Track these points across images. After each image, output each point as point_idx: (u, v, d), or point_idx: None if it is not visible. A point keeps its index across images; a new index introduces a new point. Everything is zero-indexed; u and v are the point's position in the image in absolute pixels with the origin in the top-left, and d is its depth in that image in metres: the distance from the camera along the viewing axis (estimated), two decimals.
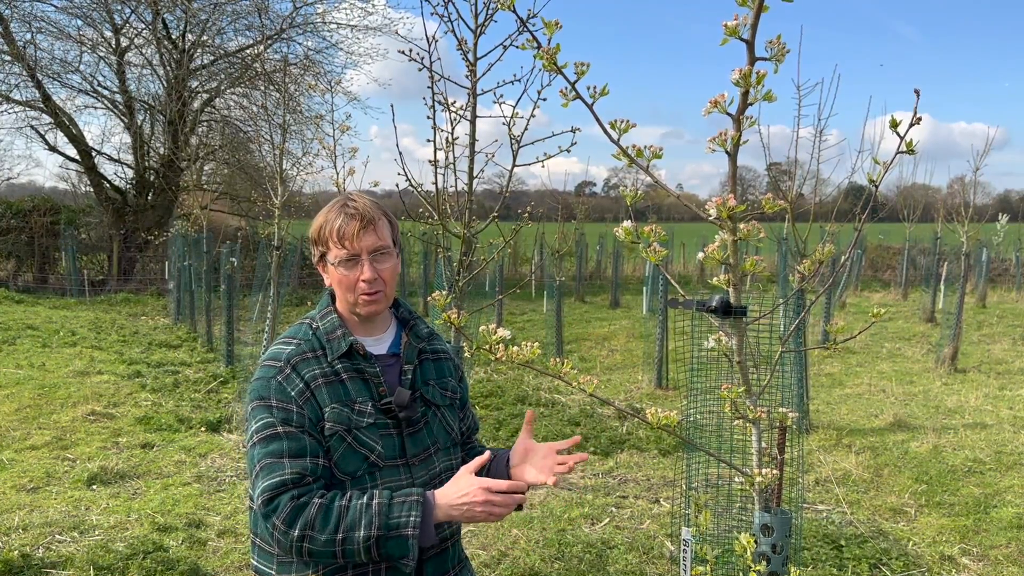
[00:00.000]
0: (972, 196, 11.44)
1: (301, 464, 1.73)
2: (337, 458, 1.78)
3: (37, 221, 18.86)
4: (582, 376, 1.64)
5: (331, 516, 1.69)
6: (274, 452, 1.74)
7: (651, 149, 1.50)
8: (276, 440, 1.75)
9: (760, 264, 1.56)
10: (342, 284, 1.88)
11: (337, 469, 1.78)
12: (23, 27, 18.14)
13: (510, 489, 1.74)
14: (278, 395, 1.78)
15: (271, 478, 1.71)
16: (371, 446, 1.81)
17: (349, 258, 1.85)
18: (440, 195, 3.74)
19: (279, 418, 1.76)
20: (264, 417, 1.77)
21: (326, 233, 1.87)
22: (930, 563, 4.70)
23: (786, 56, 1.45)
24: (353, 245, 1.84)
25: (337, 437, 1.78)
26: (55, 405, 7.84)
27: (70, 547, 4.60)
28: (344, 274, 1.86)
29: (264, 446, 1.75)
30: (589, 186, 35.10)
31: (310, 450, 1.75)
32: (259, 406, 1.79)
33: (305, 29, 19.95)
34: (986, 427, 7.70)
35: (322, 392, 1.80)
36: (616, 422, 7.61)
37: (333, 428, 1.78)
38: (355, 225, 1.84)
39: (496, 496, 1.72)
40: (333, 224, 1.86)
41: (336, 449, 1.78)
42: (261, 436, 1.76)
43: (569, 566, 4.47)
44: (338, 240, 1.85)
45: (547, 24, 1.45)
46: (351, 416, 1.80)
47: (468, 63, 3.62)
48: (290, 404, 1.77)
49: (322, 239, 1.88)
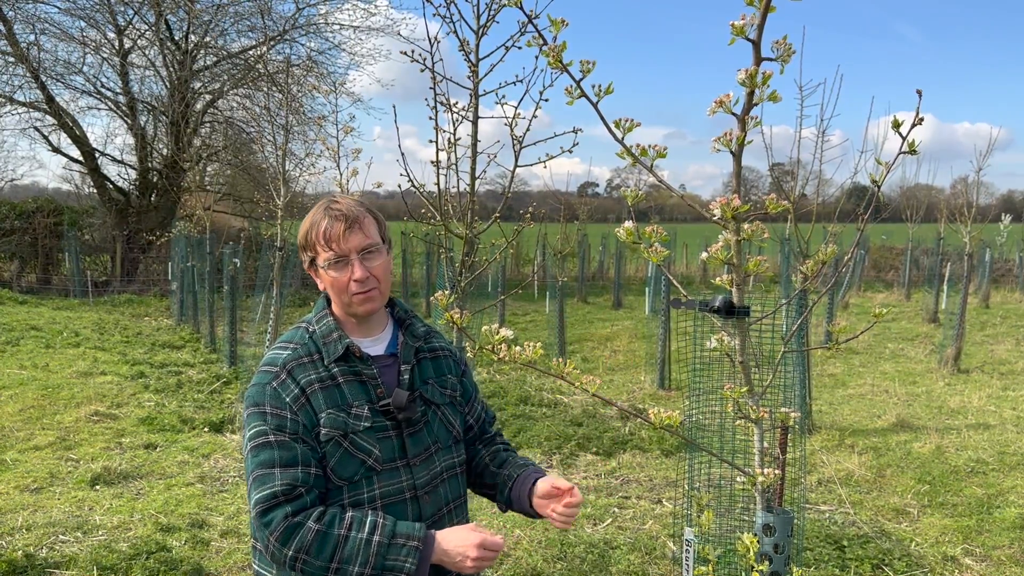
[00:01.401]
0: (975, 196, 11.42)
1: (292, 475, 1.73)
2: (334, 464, 1.78)
3: (40, 222, 18.88)
4: (585, 376, 1.64)
5: (327, 545, 1.69)
6: (265, 462, 1.74)
7: (655, 148, 1.50)
8: (267, 449, 1.75)
9: (764, 264, 1.56)
10: (334, 286, 1.87)
11: (334, 474, 1.78)
12: (26, 28, 18.19)
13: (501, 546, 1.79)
14: (272, 401, 1.78)
15: (263, 490, 1.72)
16: (368, 450, 1.81)
17: (338, 259, 1.85)
18: (442, 196, 3.74)
19: (272, 425, 1.76)
20: (257, 424, 1.77)
21: (313, 237, 1.87)
22: (933, 564, 4.69)
23: (791, 57, 1.45)
24: (340, 246, 1.84)
25: (333, 443, 1.78)
26: (58, 406, 7.86)
27: (73, 547, 4.61)
28: (335, 276, 1.86)
29: (255, 455, 1.75)
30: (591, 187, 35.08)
31: (302, 459, 1.75)
32: (253, 412, 1.79)
33: (308, 30, 19.98)
34: (989, 428, 7.69)
35: (318, 397, 1.80)
36: (618, 423, 7.61)
37: (329, 434, 1.78)
38: (340, 226, 1.84)
39: (487, 553, 1.75)
40: (319, 227, 1.86)
41: (332, 455, 1.78)
42: (253, 444, 1.76)
43: (571, 566, 4.47)
44: (325, 243, 1.85)
45: (553, 21, 1.45)
46: (347, 421, 1.80)
47: (470, 64, 3.62)
48: (284, 411, 1.77)
49: (309, 243, 1.88)
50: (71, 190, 24.50)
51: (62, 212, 19.50)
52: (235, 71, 20.19)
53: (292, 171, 7.48)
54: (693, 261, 26.76)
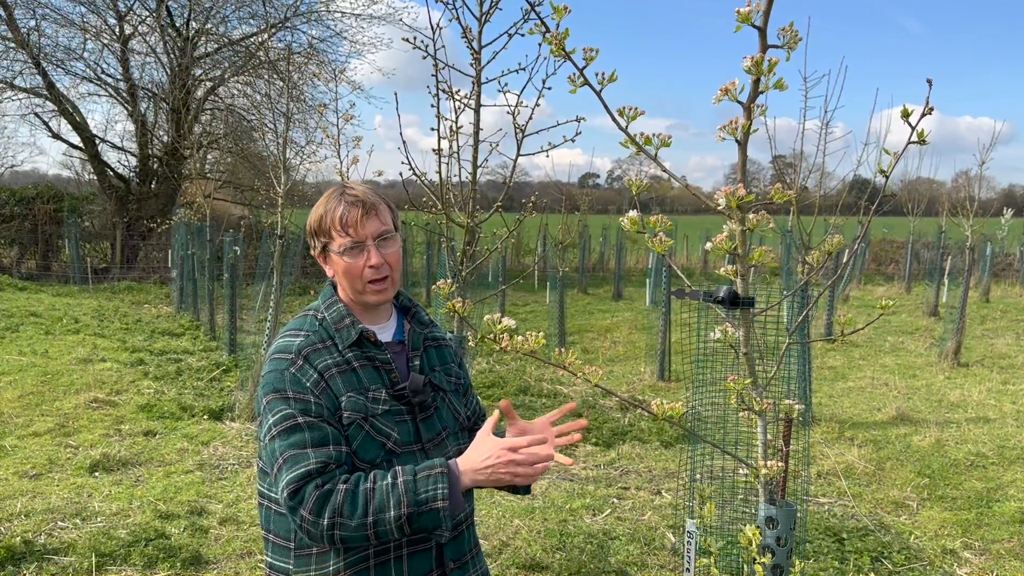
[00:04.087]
0: (977, 190, 11.41)
1: (325, 453, 1.71)
2: (356, 447, 1.77)
3: (40, 209, 18.85)
4: (586, 367, 1.63)
5: (358, 501, 1.66)
6: (296, 443, 1.71)
7: (659, 137, 1.48)
8: (298, 431, 1.72)
9: (768, 255, 1.54)
10: (349, 273, 1.85)
11: (356, 458, 1.77)
12: (27, 14, 18.12)
13: (531, 443, 1.71)
14: (293, 386, 1.76)
15: (295, 469, 1.69)
16: (388, 433, 1.80)
17: (354, 245, 1.82)
18: (444, 185, 3.73)
19: (297, 409, 1.73)
20: (282, 409, 1.74)
21: (328, 223, 1.85)
22: (932, 557, 4.69)
23: (797, 44, 1.43)
24: (357, 232, 1.82)
25: (355, 426, 1.77)
26: (58, 392, 7.85)
27: (72, 534, 4.61)
28: (350, 262, 1.83)
29: (285, 438, 1.72)
30: (593, 178, 35.01)
31: (332, 438, 1.73)
32: (275, 399, 1.76)
33: (309, 18, 19.89)
34: (989, 421, 7.69)
35: (336, 382, 1.78)
36: (618, 413, 7.61)
37: (351, 417, 1.77)
38: (357, 212, 1.82)
39: (519, 455, 1.69)
40: (335, 213, 1.84)
41: (355, 438, 1.77)
42: (281, 428, 1.73)
43: (570, 557, 4.47)
44: (342, 228, 1.83)
45: (556, 9, 1.43)
46: (367, 404, 1.79)
47: (472, 51, 3.59)
48: (306, 395, 1.75)
49: (324, 229, 1.86)
50: (71, 177, 24.50)
51: (62, 199, 19.47)
52: (236, 58, 20.12)
53: (293, 159, 7.46)
54: (694, 253, 26.74)
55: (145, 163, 20.24)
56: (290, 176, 7.25)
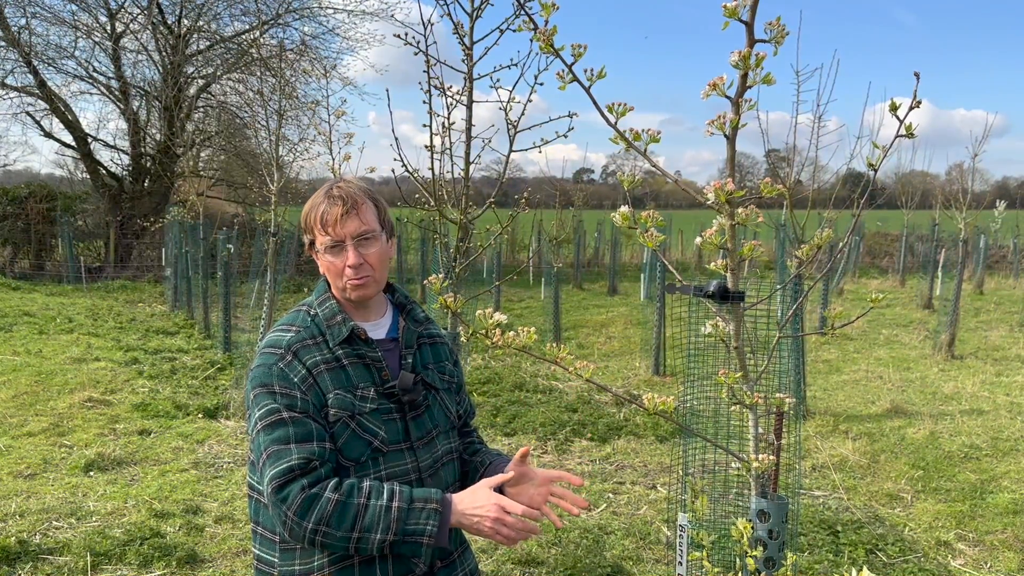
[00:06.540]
0: (970, 183, 11.44)
1: (308, 449, 1.71)
2: (341, 444, 1.77)
3: (33, 208, 18.78)
4: (579, 362, 1.63)
5: (348, 514, 1.68)
6: (279, 438, 1.72)
7: (649, 133, 1.48)
8: (281, 426, 1.73)
9: (758, 249, 1.55)
10: (330, 270, 1.87)
11: (341, 455, 1.77)
12: (18, 12, 18.00)
13: (525, 514, 1.75)
14: (281, 381, 1.76)
15: (278, 465, 1.70)
16: (374, 431, 1.81)
17: (334, 244, 1.84)
18: (437, 181, 3.72)
19: (283, 404, 1.74)
20: (268, 403, 1.75)
21: (312, 220, 1.86)
22: (926, 548, 4.71)
23: (785, 39, 1.43)
24: (336, 231, 1.83)
25: (341, 423, 1.77)
26: (52, 392, 7.83)
27: (67, 533, 4.60)
28: (331, 260, 1.85)
29: (269, 432, 1.73)
30: (587, 173, 34.99)
31: (316, 434, 1.74)
32: (262, 392, 1.77)
33: (302, 14, 19.82)
34: (983, 413, 7.72)
35: (324, 378, 1.79)
36: (613, 408, 7.62)
37: (337, 414, 1.77)
38: (337, 211, 1.82)
39: (508, 517, 1.72)
40: (318, 210, 1.85)
41: (340, 435, 1.77)
42: (266, 422, 1.74)
43: (566, 552, 4.48)
44: (322, 227, 1.84)
45: (544, 6, 1.43)
46: (354, 402, 1.80)
47: (464, 47, 3.59)
48: (293, 390, 1.76)
49: (308, 226, 1.88)
50: (64, 175, 24.44)
51: (55, 198, 19.40)
52: (228, 55, 20.05)
53: (286, 156, 7.44)
54: (688, 247, 26.74)
55: (138, 161, 20.17)
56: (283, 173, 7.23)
